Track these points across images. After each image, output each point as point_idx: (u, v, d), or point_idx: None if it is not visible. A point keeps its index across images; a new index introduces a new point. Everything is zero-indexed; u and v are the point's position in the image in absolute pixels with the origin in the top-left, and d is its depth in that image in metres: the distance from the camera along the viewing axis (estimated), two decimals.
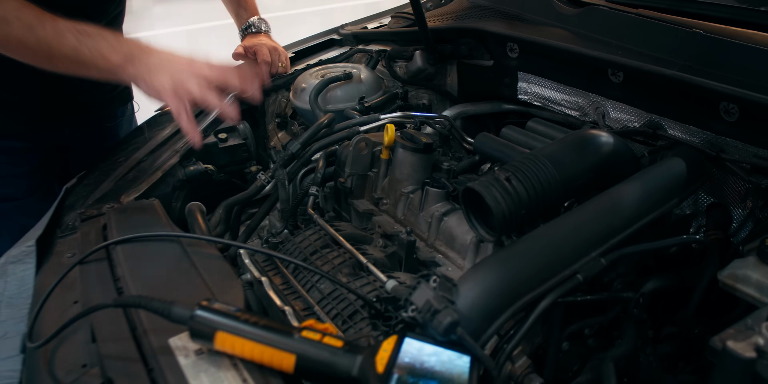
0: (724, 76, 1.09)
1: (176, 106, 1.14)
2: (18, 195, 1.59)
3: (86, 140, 1.69)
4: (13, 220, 1.59)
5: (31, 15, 1.14)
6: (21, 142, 1.55)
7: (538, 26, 1.47)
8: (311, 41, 1.82)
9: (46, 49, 1.15)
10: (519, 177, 0.93)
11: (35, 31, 1.14)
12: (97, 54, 1.14)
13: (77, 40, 1.14)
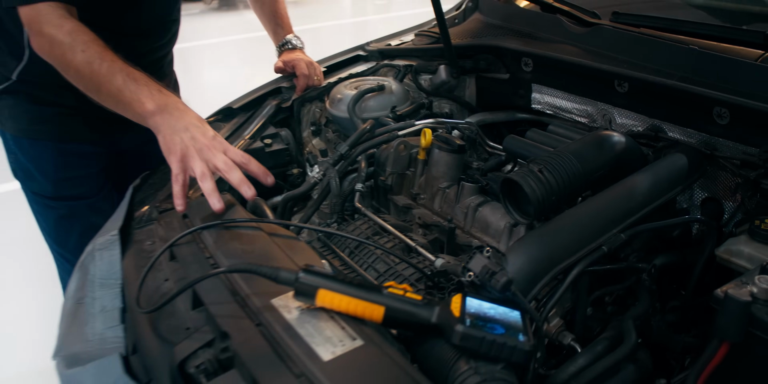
0: (717, 85, 1.28)
1: (176, 171, 1.22)
2: (88, 194, 1.77)
3: (142, 146, 1.86)
4: (83, 217, 1.77)
5: (96, 51, 1.30)
6: (92, 146, 1.74)
7: (550, 43, 1.67)
8: (340, 57, 2.01)
9: (96, 83, 1.31)
10: (550, 169, 1.12)
11: (93, 66, 1.30)
12: (135, 98, 1.28)
13: (123, 83, 1.29)
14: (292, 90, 1.87)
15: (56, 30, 1.31)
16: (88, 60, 1.28)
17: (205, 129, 1.25)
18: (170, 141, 1.22)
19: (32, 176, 1.73)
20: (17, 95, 1.66)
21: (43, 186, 1.74)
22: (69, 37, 1.30)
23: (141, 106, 1.26)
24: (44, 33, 1.32)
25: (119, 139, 1.79)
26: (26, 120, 1.68)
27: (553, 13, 1.76)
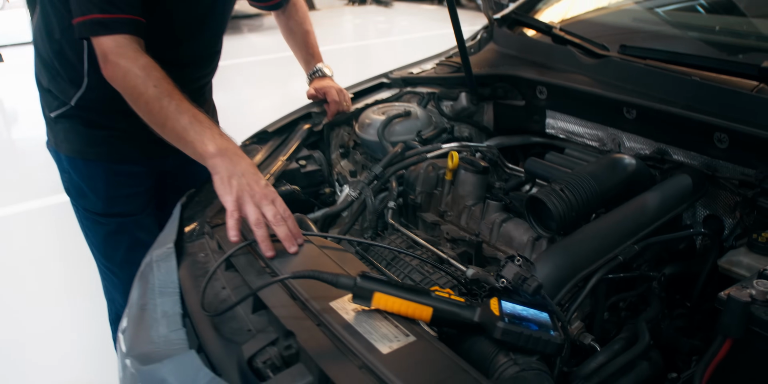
0: (717, 112, 1.43)
1: (232, 209, 1.32)
2: (134, 211, 1.90)
3: (182, 167, 2.01)
4: (129, 233, 1.90)
5: (166, 88, 1.43)
6: (140, 167, 1.87)
7: (563, 73, 1.82)
8: (365, 84, 2.16)
9: (163, 118, 1.42)
10: (570, 189, 1.26)
11: (162, 102, 1.41)
12: (198, 139, 1.39)
13: (189, 123, 1.40)
14: (322, 115, 2.01)
15: (131, 63, 1.44)
16: (159, 96, 1.41)
17: (258, 177, 1.37)
18: (227, 183, 1.34)
19: (84, 194, 1.87)
20: (73, 119, 1.80)
21: (95, 203, 1.87)
22: (143, 71, 1.43)
23: (203, 147, 1.37)
24: (120, 64, 1.44)
25: (163, 160, 1.93)
26: (81, 142, 1.82)
27: (564, 44, 1.91)
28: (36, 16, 1.79)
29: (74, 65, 1.71)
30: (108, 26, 1.44)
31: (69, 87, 1.75)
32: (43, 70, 1.80)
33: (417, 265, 1.40)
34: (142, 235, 1.95)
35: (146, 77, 1.42)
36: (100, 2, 1.44)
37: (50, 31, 1.71)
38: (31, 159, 4.99)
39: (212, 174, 1.37)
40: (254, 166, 1.39)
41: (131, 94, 1.44)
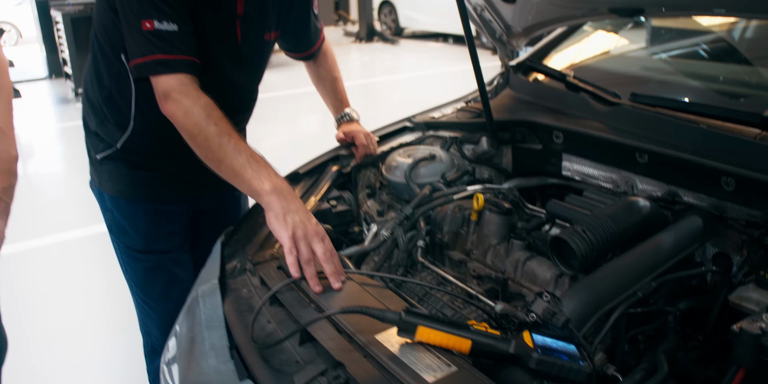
0: (723, 158, 1.55)
1: (289, 245, 1.41)
2: (172, 249, 2.01)
3: (216, 207, 2.13)
4: (167, 269, 2.01)
5: (225, 127, 1.54)
6: (177, 206, 1.99)
7: (578, 119, 1.94)
8: (389, 128, 2.29)
9: (221, 156, 1.53)
10: (591, 230, 1.38)
11: (222, 140, 1.52)
12: (255, 177, 1.49)
13: (246, 161, 1.51)
14: (350, 157, 2.14)
15: (193, 101, 1.55)
16: (219, 134, 1.52)
17: (310, 215, 1.48)
18: (282, 220, 1.44)
19: (126, 232, 1.98)
20: (117, 161, 1.92)
21: (135, 241, 1.98)
22: (204, 110, 1.54)
23: (260, 185, 1.48)
24: (182, 102, 1.55)
25: (199, 200, 2.05)
26: (124, 183, 1.93)
27: (577, 91, 2.04)
28: (87, 63, 1.93)
29: (122, 110, 1.83)
30: (170, 66, 1.56)
31: (116, 130, 1.87)
32: (92, 114, 1.92)
33: (448, 301, 1.50)
34: (179, 271, 2.06)
35: (207, 116, 1.53)
36: (162, 44, 1.55)
37: (100, 78, 1.84)
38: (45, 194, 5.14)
39: (266, 210, 1.48)
40: (304, 205, 1.50)
41: (191, 130, 1.54)
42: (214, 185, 2.04)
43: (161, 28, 1.55)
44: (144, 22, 1.55)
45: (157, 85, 1.58)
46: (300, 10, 1.98)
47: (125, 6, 1.58)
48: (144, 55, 1.56)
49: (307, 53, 2.15)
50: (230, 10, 1.74)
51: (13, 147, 1.61)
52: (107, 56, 1.78)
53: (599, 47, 2.74)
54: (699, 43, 2.76)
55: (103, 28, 1.76)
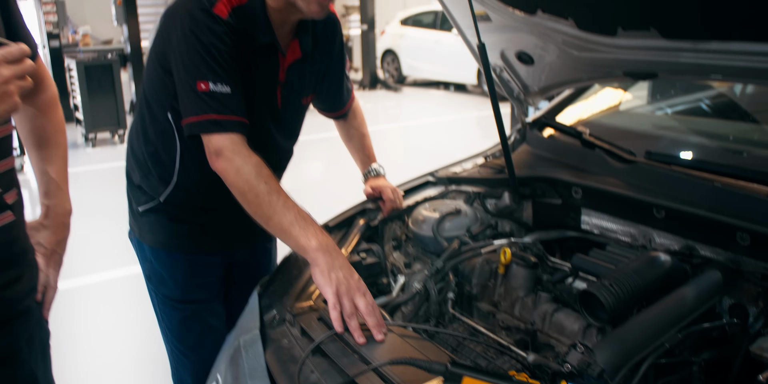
0: (738, 214, 1.65)
1: (333, 301, 1.51)
2: (208, 299, 2.10)
3: (248, 259, 2.22)
4: (202, 319, 2.09)
5: (275, 185, 1.64)
6: (214, 257, 2.08)
7: (595, 175, 2.05)
8: (412, 183, 2.39)
9: (270, 212, 1.63)
10: (618, 284, 1.47)
11: (272, 197, 1.62)
12: (302, 233, 1.59)
13: (294, 219, 1.61)
14: (377, 211, 2.23)
15: (245, 160, 1.64)
16: (269, 191, 1.62)
17: (352, 271, 1.57)
18: (328, 276, 1.54)
19: (164, 282, 2.06)
20: (159, 214, 2.01)
21: (173, 290, 2.06)
22: (255, 168, 1.64)
23: (306, 242, 1.58)
24: (235, 160, 1.64)
25: (234, 252, 2.14)
26: (165, 235, 2.02)
27: (593, 148, 2.15)
28: (133, 121, 2.04)
29: (166, 165, 1.93)
30: (223, 125, 1.66)
31: (159, 184, 1.97)
32: (136, 169, 2.02)
33: (481, 351, 1.58)
34: (213, 320, 2.14)
35: (258, 174, 1.63)
36: (215, 104, 1.65)
37: (147, 135, 1.94)
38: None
39: (312, 266, 1.57)
40: (348, 261, 1.59)
41: (242, 187, 1.64)
42: (248, 238, 2.15)
43: (215, 89, 1.66)
44: (199, 83, 1.66)
45: (209, 144, 1.68)
46: (334, 74, 2.10)
47: (181, 68, 1.69)
48: (198, 115, 1.67)
49: (340, 113, 2.26)
50: (274, 77, 1.87)
51: (68, 202, 1.71)
52: (155, 114, 1.89)
53: (607, 101, 2.87)
54: (702, 99, 2.90)
55: (152, 88, 1.88)
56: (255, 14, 1.76)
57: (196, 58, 1.66)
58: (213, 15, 1.68)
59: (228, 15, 1.70)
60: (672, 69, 1.85)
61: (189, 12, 1.68)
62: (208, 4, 1.69)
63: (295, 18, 1.83)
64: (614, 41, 1.86)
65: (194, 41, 1.66)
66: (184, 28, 1.68)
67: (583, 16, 1.86)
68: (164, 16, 1.79)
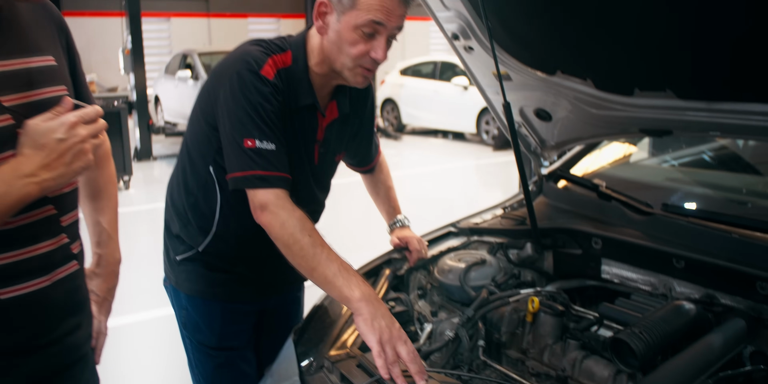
0: (757, 264, 1.74)
1: (378, 349, 1.56)
2: (242, 346, 2.16)
3: (280, 307, 2.29)
4: (235, 366, 2.15)
5: (318, 238, 1.72)
6: (249, 305, 2.15)
7: (614, 227, 2.14)
8: (435, 233, 2.48)
9: (315, 264, 1.70)
10: (647, 331, 1.54)
11: (316, 250, 1.70)
12: (345, 284, 1.65)
13: (338, 270, 1.68)
14: (402, 261, 2.31)
15: (290, 214, 1.72)
16: (313, 244, 1.69)
17: (394, 320, 1.64)
18: (371, 325, 1.60)
19: (200, 329, 2.13)
20: (196, 263, 2.08)
21: (209, 338, 2.12)
22: (300, 222, 1.72)
23: (350, 292, 1.65)
24: (280, 214, 1.72)
25: (267, 300, 2.21)
26: (202, 283, 2.09)
27: (609, 200, 2.25)
28: (173, 173, 2.13)
29: (206, 216, 2.01)
30: (268, 181, 1.75)
31: (198, 234, 2.04)
32: (176, 219, 2.10)
33: None
34: (246, 367, 2.20)
35: (302, 228, 1.71)
36: (261, 161, 1.74)
37: (187, 186, 2.03)
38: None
39: (356, 315, 1.64)
40: (389, 311, 1.66)
41: (287, 241, 1.71)
42: (281, 287, 2.23)
43: (261, 146, 1.76)
44: (246, 140, 1.75)
45: (255, 198, 1.76)
46: (366, 132, 2.21)
47: (229, 125, 1.79)
48: (244, 170, 1.76)
49: (368, 167, 2.36)
50: (313, 135, 1.97)
51: (118, 251, 1.79)
52: (196, 167, 1.99)
53: (614, 154, 2.99)
54: (704, 151, 3.02)
55: (196, 142, 1.98)
56: (299, 77, 1.87)
57: (244, 117, 1.76)
58: (260, 76, 1.79)
59: (274, 76, 1.81)
60: (686, 126, 1.97)
61: (238, 72, 1.79)
62: (256, 65, 1.80)
63: (335, 82, 1.94)
64: (631, 100, 1.98)
65: (242, 100, 1.77)
66: (233, 88, 1.78)
67: (601, 77, 1.98)
68: (212, 75, 1.91)
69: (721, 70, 1.66)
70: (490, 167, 11.11)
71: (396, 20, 1.76)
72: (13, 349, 1.32)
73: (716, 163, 2.98)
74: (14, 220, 1.26)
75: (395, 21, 1.76)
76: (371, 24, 1.74)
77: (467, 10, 2.07)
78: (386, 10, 1.73)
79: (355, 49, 1.77)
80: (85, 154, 1.27)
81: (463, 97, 12.78)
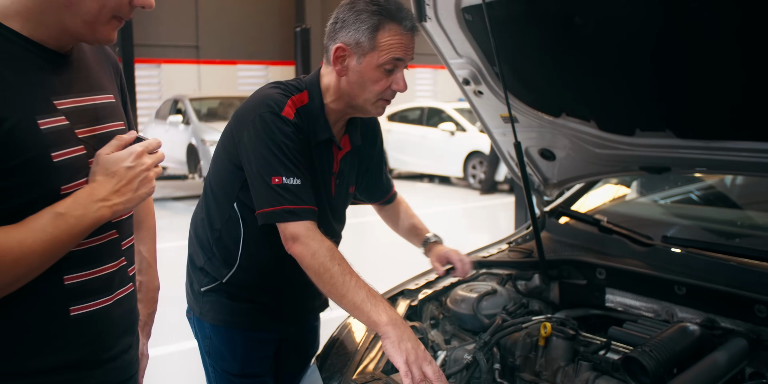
0: (754, 288, 1.88)
1: (405, 370, 1.66)
2: (262, 373, 2.25)
3: (299, 334, 2.38)
4: None
5: (347, 267, 1.83)
6: (268, 334, 2.24)
7: (617, 258, 2.28)
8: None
9: (344, 291, 1.81)
10: (657, 351, 1.67)
11: (345, 277, 1.81)
12: (373, 309, 1.75)
13: (366, 297, 1.79)
14: (415, 292, 2.43)
15: (320, 244, 1.84)
16: (342, 273, 1.81)
17: (419, 343, 1.76)
18: (398, 347, 1.71)
19: (224, 357, 2.22)
20: (220, 293, 2.18)
21: (232, 365, 2.21)
22: (329, 252, 1.84)
23: (378, 317, 1.76)
24: (311, 245, 1.84)
25: (286, 329, 2.31)
26: (225, 312, 2.19)
27: (610, 234, 2.40)
28: (196, 210, 2.25)
29: (230, 249, 2.12)
30: (297, 214, 1.87)
31: (222, 267, 2.15)
32: (200, 252, 2.21)
33: None
34: None
35: (332, 257, 1.83)
36: (289, 196, 1.86)
37: (212, 222, 2.15)
38: None
39: (383, 338, 1.75)
40: (414, 334, 1.78)
41: (317, 269, 1.82)
42: (301, 316, 2.34)
43: (288, 182, 1.88)
44: (273, 178, 1.88)
45: (285, 231, 1.88)
46: (378, 163, 2.37)
47: (254, 164, 1.91)
48: (273, 205, 1.88)
49: (387, 197, 2.48)
50: (329, 167, 2.11)
51: (157, 278, 1.91)
52: (220, 204, 2.11)
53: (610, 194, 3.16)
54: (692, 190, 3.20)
55: (219, 181, 2.11)
56: (315, 114, 2.02)
57: (269, 156, 1.89)
58: (282, 117, 1.93)
59: (294, 116, 1.96)
60: (684, 163, 2.13)
61: (260, 115, 1.93)
62: (277, 108, 1.94)
63: (348, 116, 2.10)
64: (632, 140, 2.14)
65: (267, 141, 1.90)
66: (257, 130, 1.92)
67: (604, 119, 2.15)
68: (235, 118, 2.04)
69: (716, 111, 1.83)
70: (477, 211, 11.27)
71: (412, 53, 1.95)
72: (81, 362, 1.42)
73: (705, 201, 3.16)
74: (84, 242, 1.38)
75: (411, 54, 1.95)
76: (393, 61, 1.91)
77: (479, 57, 2.24)
78: (404, 47, 1.91)
79: (378, 85, 1.94)
80: (149, 181, 1.41)
81: (449, 142, 13.04)
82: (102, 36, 1.39)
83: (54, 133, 1.32)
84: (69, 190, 1.34)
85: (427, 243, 2.46)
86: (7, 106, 1.25)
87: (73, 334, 1.39)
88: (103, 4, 1.33)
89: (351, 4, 1.92)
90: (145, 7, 1.39)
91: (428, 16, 2.24)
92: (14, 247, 1.23)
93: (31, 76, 1.33)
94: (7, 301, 1.28)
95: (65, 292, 1.38)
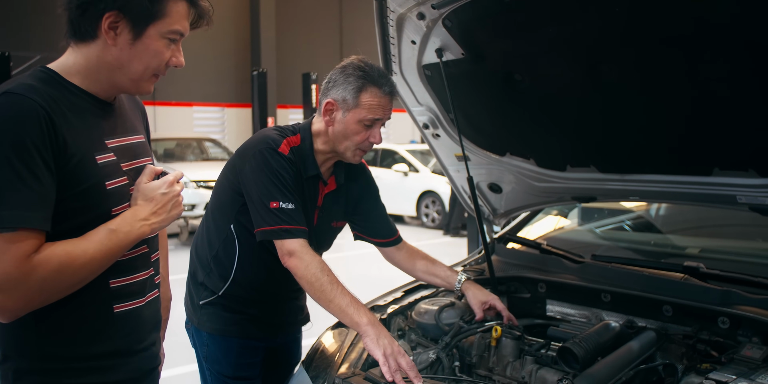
0: (662, 293, 2.31)
1: (383, 361, 2.00)
2: (253, 376, 2.57)
3: (284, 343, 2.71)
4: None
5: (334, 277, 2.17)
6: (258, 342, 2.57)
7: (556, 274, 2.71)
8: (410, 285, 3.00)
9: (332, 297, 2.15)
10: (586, 341, 2.08)
11: (333, 286, 2.15)
12: (356, 312, 2.09)
13: (350, 302, 2.11)
14: (384, 307, 2.80)
15: (313, 258, 2.19)
16: (331, 282, 2.17)
17: (393, 340, 2.10)
18: (377, 343, 2.03)
19: (219, 361, 2.53)
20: (216, 306, 2.50)
21: (226, 368, 2.53)
22: (320, 265, 2.19)
23: (360, 319, 2.09)
24: (305, 258, 2.18)
25: (274, 338, 2.64)
26: (221, 323, 2.50)
27: (550, 254, 2.83)
28: (197, 233, 2.61)
29: (225, 266, 2.46)
30: (293, 233, 2.22)
31: (218, 281, 2.48)
32: (200, 269, 2.54)
33: None
34: None
35: (322, 269, 2.18)
36: (285, 217, 2.21)
37: (211, 241, 2.50)
38: None
39: (364, 336, 2.11)
40: (390, 333, 2.15)
41: (310, 279, 2.17)
42: (287, 327, 2.70)
43: (284, 206, 2.25)
44: (272, 202, 2.24)
45: (283, 246, 2.23)
46: (369, 201, 2.69)
47: (255, 190, 2.26)
48: (271, 225, 2.23)
49: (393, 239, 2.77)
50: (314, 201, 2.49)
51: (169, 290, 2.26)
52: (219, 225, 2.47)
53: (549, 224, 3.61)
54: (624, 220, 3.68)
55: (220, 206, 2.48)
56: (306, 154, 2.41)
57: (269, 184, 2.27)
58: (279, 152, 2.31)
59: (288, 152, 2.34)
60: (606, 193, 2.59)
61: (260, 150, 2.31)
62: (275, 144, 2.33)
63: (334, 159, 2.49)
64: (564, 174, 2.59)
65: (266, 171, 2.27)
66: (258, 161, 2.29)
67: (541, 157, 2.60)
68: (238, 154, 2.42)
69: (626, 149, 2.29)
70: (431, 247, 11.55)
71: (388, 113, 2.34)
72: (121, 351, 1.76)
73: (633, 228, 3.64)
74: (126, 254, 1.73)
75: (388, 114, 2.34)
76: (371, 119, 2.31)
77: (436, 105, 2.68)
78: (382, 108, 2.31)
79: (358, 136, 2.34)
80: (179, 204, 1.78)
81: (403, 183, 13.46)
82: (144, 90, 1.77)
83: (107, 167, 1.69)
84: (117, 211, 1.70)
85: (462, 282, 2.64)
86: (75, 145, 1.61)
87: (116, 327, 1.74)
88: (146, 66, 1.70)
89: (342, 68, 2.33)
90: (177, 66, 1.78)
91: (394, 71, 2.67)
92: (80, 255, 1.58)
93: (89, 120, 1.69)
94: (67, 299, 1.62)
95: (110, 293, 1.73)
